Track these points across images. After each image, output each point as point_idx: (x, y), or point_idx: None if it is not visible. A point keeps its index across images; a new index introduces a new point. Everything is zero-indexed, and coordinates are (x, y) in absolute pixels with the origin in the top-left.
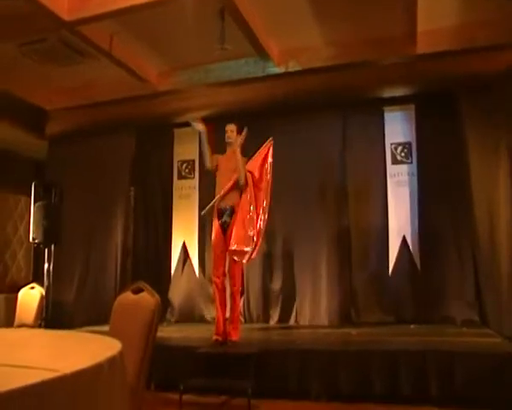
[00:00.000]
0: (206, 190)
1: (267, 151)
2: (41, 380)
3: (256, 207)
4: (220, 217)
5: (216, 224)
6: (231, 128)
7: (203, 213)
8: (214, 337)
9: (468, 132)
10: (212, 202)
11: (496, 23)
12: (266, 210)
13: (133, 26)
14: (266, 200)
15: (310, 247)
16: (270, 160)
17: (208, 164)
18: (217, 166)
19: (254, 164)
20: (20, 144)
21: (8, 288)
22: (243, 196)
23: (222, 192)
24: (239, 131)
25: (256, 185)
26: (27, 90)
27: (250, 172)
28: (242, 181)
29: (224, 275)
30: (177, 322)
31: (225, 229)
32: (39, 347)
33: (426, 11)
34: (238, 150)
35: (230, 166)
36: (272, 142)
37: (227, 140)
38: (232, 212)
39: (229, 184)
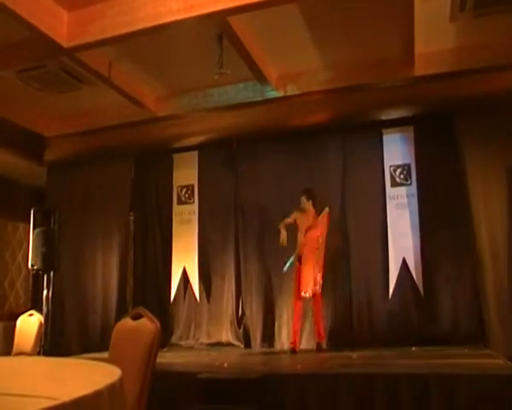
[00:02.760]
0: (206, 215)
1: (326, 221)
2: (40, 408)
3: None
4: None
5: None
6: (304, 200)
7: (285, 270)
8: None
9: (466, 153)
10: (291, 260)
11: (493, 45)
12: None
13: (132, 51)
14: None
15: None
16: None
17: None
18: (295, 222)
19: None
20: (19, 171)
21: (6, 316)
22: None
23: (298, 250)
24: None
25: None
26: (26, 117)
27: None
28: None
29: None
30: (176, 347)
31: None
32: (38, 375)
33: (423, 34)
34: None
35: (308, 225)
36: (328, 211)
37: (302, 205)
38: None
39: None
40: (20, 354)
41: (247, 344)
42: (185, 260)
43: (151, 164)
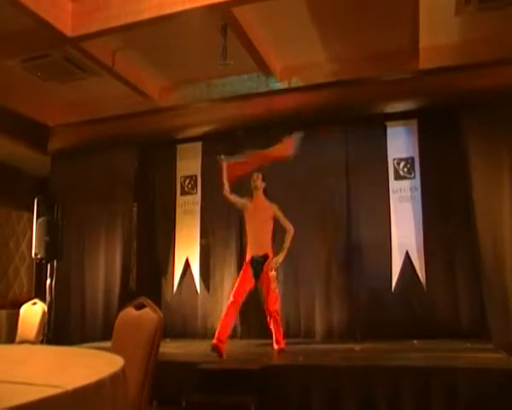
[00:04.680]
0: (209, 205)
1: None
2: (43, 396)
3: None
4: (252, 264)
5: (247, 269)
6: (257, 175)
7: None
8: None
9: (470, 147)
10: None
11: (498, 39)
12: None
13: (136, 41)
14: None
15: (312, 262)
16: None
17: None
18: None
19: None
20: (23, 160)
21: (10, 304)
22: None
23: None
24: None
25: None
26: (30, 106)
27: None
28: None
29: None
30: (178, 338)
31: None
32: (41, 363)
33: (428, 27)
34: (276, 209)
35: (261, 215)
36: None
37: (254, 184)
38: (265, 260)
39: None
40: (23, 342)
41: (249, 335)
42: (188, 251)
43: (155, 154)
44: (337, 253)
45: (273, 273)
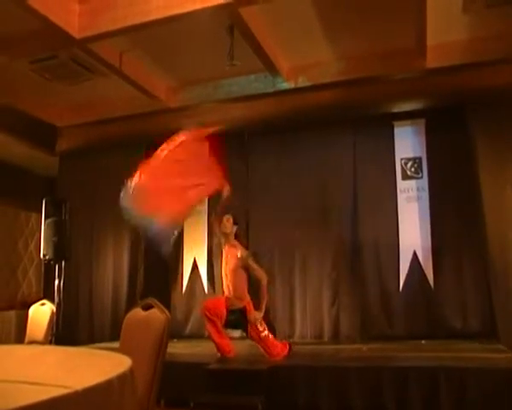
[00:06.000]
0: (215, 206)
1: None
2: (52, 397)
3: None
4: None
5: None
6: (228, 218)
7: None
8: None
9: (478, 146)
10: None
11: (506, 36)
12: None
13: (143, 42)
14: None
15: (320, 262)
16: None
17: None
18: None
19: None
20: (31, 161)
21: (19, 304)
22: None
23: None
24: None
25: None
26: (38, 107)
27: None
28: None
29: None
30: (186, 338)
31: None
32: (50, 363)
33: (435, 25)
34: (251, 260)
35: (235, 262)
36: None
37: (223, 230)
38: (243, 312)
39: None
40: (32, 342)
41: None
42: (195, 252)
43: None
44: (344, 253)
45: (257, 321)
